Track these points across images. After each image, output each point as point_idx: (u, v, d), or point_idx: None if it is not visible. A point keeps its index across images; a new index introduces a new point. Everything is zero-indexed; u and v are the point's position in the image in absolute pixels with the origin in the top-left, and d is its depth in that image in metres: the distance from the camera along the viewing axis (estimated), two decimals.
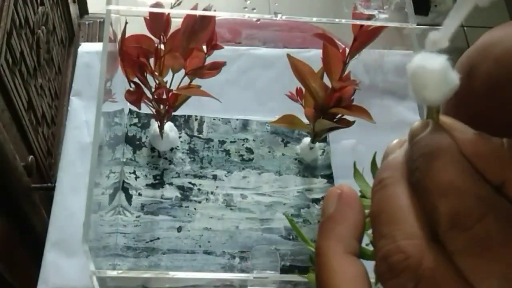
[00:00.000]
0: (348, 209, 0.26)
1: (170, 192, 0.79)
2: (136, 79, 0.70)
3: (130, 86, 0.71)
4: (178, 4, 0.66)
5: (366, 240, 0.27)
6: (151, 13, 0.66)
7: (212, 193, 0.80)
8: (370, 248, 0.27)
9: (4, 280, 0.90)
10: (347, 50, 0.69)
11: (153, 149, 0.82)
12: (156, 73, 0.69)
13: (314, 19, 0.70)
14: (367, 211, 0.26)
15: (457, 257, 0.21)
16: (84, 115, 0.86)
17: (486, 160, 0.23)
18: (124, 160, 0.81)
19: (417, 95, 0.24)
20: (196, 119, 0.86)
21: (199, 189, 0.80)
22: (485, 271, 0.21)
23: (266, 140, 0.86)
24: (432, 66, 0.24)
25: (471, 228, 0.21)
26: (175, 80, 0.71)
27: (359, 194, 0.31)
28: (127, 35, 0.67)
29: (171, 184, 0.80)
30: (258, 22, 1.00)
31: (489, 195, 0.22)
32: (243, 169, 0.83)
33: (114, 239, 0.74)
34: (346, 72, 0.71)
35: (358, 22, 0.67)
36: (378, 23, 0.67)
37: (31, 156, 0.92)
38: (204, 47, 0.71)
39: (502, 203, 0.21)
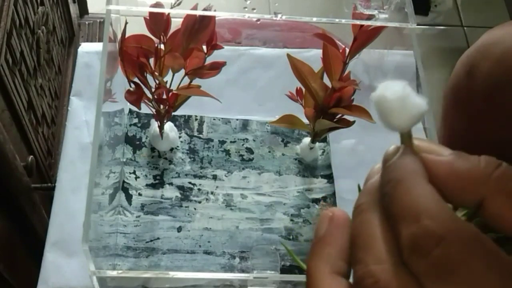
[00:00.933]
0: (338, 232, 0.26)
1: (170, 192, 0.79)
2: (136, 79, 0.70)
3: (130, 86, 0.71)
4: (178, 4, 0.66)
5: None
6: (151, 13, 0.66)
7: (212, 193, 0.80)
8: None
9: (4, 280, 0.90)
10: (347, 50, 0.69)
11: (153, 149, 0.82)
12: (156, 73, 0.69)
13: (314, 19, 0.70)
14: None
15: (422, 281, 0.22)
16: (84, 115, 0.86)
17: (463, 180, 0.24)
18: (124, 160, 0.81)
19: (384, 122, 0.25)
20: (196, 119, 0.86)
21: (199, 189, 0.80)
22: None
23: (266, 140, 0.86)
24: (391, 95, 0.25)
25: (430, 253, 0.21)
26: (175, 80, 0.71)
27: None
28: (127, 35, 0.67)
29: (171, 184, 0.80)
30: (258, 22, 1.00)
31: (449, 218, 0.22)
32: (243, 169, 0.83)
33: (114, 239, 0.74)
34: (346, 72, 0.71)
35: (358, 22, 0.67)
36: (378, 23, 0.67)
37: (31, 156, 0.92)
38: (204, 47, 0.71)
39: (462, 225, 0.22)
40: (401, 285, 0.22)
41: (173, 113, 0.77)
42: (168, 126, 0.81)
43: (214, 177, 0.81)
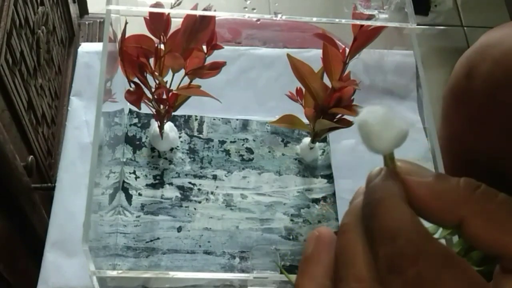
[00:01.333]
0: (323, 251, 0.27)
1: (170, 192, 0.79)
2: (136, 79, 0.70)
3: (130, 86, 0.71)
4: (178, 4, 0.66)
5: None
6: (151, 13, 0.66)
7: (212, 193, 0.80)
8: None
9: (4, 280, 0.90)
10: (347, 50, 0.69)
11: (153, 149, 0.82)
12: (156, 73, 0.69)
13: (314, 19, 0.70)
14: None
15: None
16: (84, 115, 0.86)
17: (442, 201, 0.25)
18: (124, 160, 0.81)
19: (366, 145, 0.27)
20: (196, 119, 0.86)
21: (199, 189, 0.80)
22: None
23: (266, 140, 0.86)
24: (373, 120, 0.26)
25: (405, 272, 0.22)
26: (175, 80, 0.71)
27: None
28: (127, 35, 0.67)
29: (171, 184, 0.80)
30: (258, 22, 1.00)
31: (423, 238, 0.23)
32: (243, 169, 0.83)
33: (114, 239, 0.74)
34: (346, 72, 0.71)
35: (358, 22, 0.67)
36: (378, 23, 0.67)
37: (31, 156, 0.92)
38: (204, 47, 0.71)
39: (435, 245, 0.23)
40: None
41: (173, 113, 0.77)
42: (168, 126, 0.81)
43: (214, 177, 0.81)
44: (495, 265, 0.25)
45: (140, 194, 0.79)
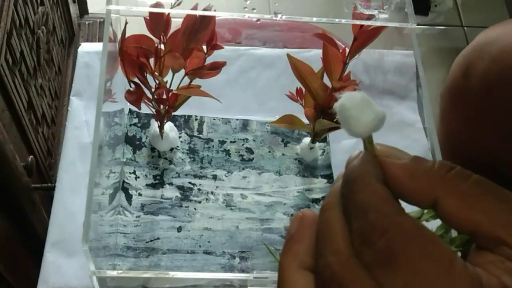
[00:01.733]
0: (306, 230, 0.29)
1: (170, 192, 0.79)
2: (136, 79, 0.70)
3: (130, 86, 0.71)
4: (178, 4, 0.66)
5: None
6: (151, 13, 0.66)
7: (212, 193, 0.80)
8: None
9: (4, 280, 0.90)
10: (347, 50, 0.69)
11: (153, 149, 0.82)
12: (156, 73, 0.69)
13: (314, 19, 0.70)
14: None
15: (370, 269, 0.24)
16: (84, 115, 0.86)
17: (418, 182, 0.26)
18: (124, 160, 0.81)
19: (346, 129, 0.28)
20: (196, 119, 0.86)
21: (199, 189, 0.80)
22: (391, 280, 0.23)
23: (266, 140, 0.86)
24: (351, 104, 0.27)
25: (375, 244, 0.24)
26: (175, 80, 0.71)
27: None
28: (127, 35, 0.67)
29: (171, 184, 0.80)
30: (258, 22, 1.00)
31: (393, 212, 0.24)
32: (243, 169, 0.83)
33: (114, 239, 0.74)
34: (346, 72, 0.72)
35: (358, 22, 0.67)
36: (378, 23, 0.67)
37: (31, 156, 0.92)
38: (204, 47, 0.71)
39: (405, 219, 0.24)
40: (354, 275, 0.24)
41: (173, 113, 0.77)
42: (168, 126, 0.81)
43: (214, 177, 0.81)
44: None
45: (140, 194, 0.79)
